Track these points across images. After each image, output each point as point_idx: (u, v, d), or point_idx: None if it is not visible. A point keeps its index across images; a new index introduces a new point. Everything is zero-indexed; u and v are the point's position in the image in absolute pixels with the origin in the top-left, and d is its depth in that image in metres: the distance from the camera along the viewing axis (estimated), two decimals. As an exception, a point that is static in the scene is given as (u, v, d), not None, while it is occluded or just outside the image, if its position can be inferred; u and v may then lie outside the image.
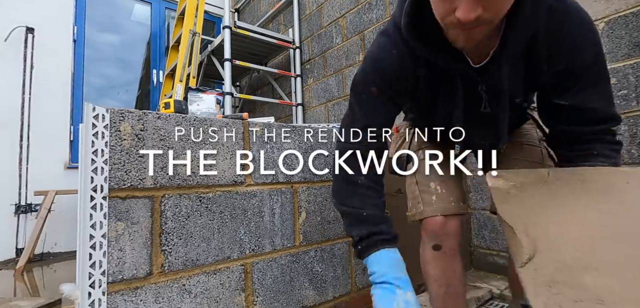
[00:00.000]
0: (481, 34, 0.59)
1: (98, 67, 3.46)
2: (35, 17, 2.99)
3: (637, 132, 1.31)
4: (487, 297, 1.49)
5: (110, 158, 0.81)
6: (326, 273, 1.22)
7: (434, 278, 0.90)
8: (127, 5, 3.74)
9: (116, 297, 0.79)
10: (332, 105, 2.80)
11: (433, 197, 0.91)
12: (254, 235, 1.05)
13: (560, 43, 0.67)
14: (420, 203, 0.94)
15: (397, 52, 0.73)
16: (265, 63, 3.69)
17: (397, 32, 0.73)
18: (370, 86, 0.77)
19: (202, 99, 2.25)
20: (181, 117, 0.94)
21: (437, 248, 0.88)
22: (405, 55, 0.73)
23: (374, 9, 2.40)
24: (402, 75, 0.75)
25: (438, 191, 0.92)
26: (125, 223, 0.82)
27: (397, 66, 0.74)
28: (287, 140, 1.16)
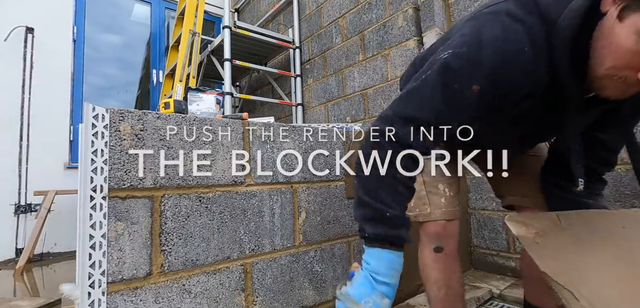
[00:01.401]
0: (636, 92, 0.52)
1: (98, 67, 3.45)
2: (35, 17, 2.99)
3: (636, 132, 1.31)
4: (487, 297, 1.49)
5: (110, 158, 0.80)
6: (326, 273, 1.22)
7: (433, 281, 0.89)
8: (127, 5, 3.74)
9: (116, 297, 0.79)
10: (331, 105, 2.80)
11: (442, 200, 0.89)
12: (253, 235, 1.05)
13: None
14: (426, 204, 0.91)
15: (532, 51, 0.56)
16: (265, 63, 3.69)
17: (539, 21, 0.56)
18: (472, 82, 0.59)
19: (202, 98, 2.25)
20: (181, 117, 0.94)
21: (438, 250, 0.88)
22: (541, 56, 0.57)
23: (374, 9, 2.40)
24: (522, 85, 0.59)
25: (446, 193, 0.90)
26: (125, 223, 0.82)
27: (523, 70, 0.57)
28: (286, 140, 1.16)
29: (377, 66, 2.36)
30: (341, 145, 1.33)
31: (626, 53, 0.47)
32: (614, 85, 0.52)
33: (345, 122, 2.63)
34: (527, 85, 0.59)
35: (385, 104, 2.30)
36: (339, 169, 1.31)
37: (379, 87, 2.35)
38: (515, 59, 0.56)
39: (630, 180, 1.31)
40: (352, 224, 1.32)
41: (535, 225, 0.65)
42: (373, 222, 0.64)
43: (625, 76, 0.48)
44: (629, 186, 1.31)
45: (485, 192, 1.81)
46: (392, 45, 2.25)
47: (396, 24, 2.23)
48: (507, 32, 0.57)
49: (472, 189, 1.87)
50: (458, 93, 0.59)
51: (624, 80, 0.49)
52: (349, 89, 2.61)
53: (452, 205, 0.90)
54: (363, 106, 2.47)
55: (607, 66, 0.50)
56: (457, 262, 0.90)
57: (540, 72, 0.58)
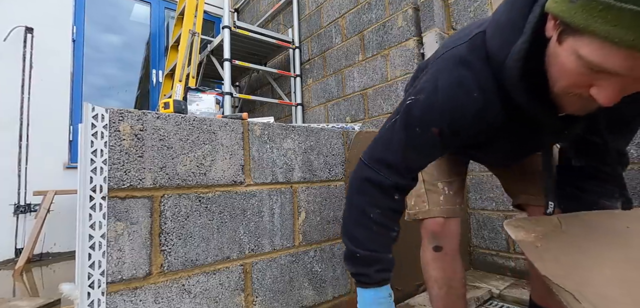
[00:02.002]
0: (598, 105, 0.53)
1: (97, 67, 3.45)
2: (35, 17, 2.99)
3: (636, 132, 1.31)
4: (487, 297, 1.49)
5: (110, 158, 0.80)
6: (325, 273, 1.22)
7: (434, 279, 0.90)
8: (126, 5, 3.74)
9: (115, 297, 0.79)
10: (331, 105, 2.80)
11: (441, 198, 0.90)
12: (253, 235, 1.05)
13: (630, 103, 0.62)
14: (425, 202, 0.92)
15: (480, 95, 0.62)
16: (265, 63, 3.69)
17: (485, 65, 0.62)
18: (431, 125, 0.66)
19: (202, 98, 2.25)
20: (181, 117, 0.93)
21: (438, 249, 0.88)
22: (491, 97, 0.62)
23: (374, 9, 2.40)
24: (478, 122, 0.65)
25: (446, 192, 0.91)
26: (124, 223, 0.81)
27: (475, 112, 0.63)
28: (286, 140, 1.16)
29: (376, 66, 2.36)
30: (341, 145, 1.33)
31: (571, 74, 0.49)
32: (572, 101, 0.54)
33: (345, 122, 2.63)
34: (482, 124, 0.65)
35: (384, 104, 2.30)
36: (339, 169, 1.31)
37: (379, 87, 2.35)
38: (466, 103, 0.63)
39: (630, 180, 1.32)
40: (351, 224, 1.32)
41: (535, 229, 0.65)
42: (348, 261, 0.73)
43: (579, 93, 0.50)
44: (628, 186, 1.31)
45: (485, 192, 1.81)
46: (392, 45, 2.26)
47: (396, 24, 2.23)
48: (459, 78, 0.63)
49: (472, 189, 1.87)
50: (420, 135, 0.67)
51: (580, 97, 0.51)
52: (349, 89, 2.61)
53: (452, 203, 0.90)
54: (363, 106, 2.47)
55: (560, 86, 0.53)
56: (458, 262, 0.90)
57: (493, 111, 0.63)
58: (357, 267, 0.72)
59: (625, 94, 0.47)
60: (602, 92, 0.46)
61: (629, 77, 0.44)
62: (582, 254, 0.60)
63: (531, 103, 0.58)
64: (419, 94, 0.67)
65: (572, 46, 0.46)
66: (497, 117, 0.64)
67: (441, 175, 0.93)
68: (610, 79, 0.45)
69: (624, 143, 0.72)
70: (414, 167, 0.72)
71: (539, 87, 0.57)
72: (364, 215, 0.71)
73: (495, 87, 0.61)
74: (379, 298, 0.71)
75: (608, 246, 0.60)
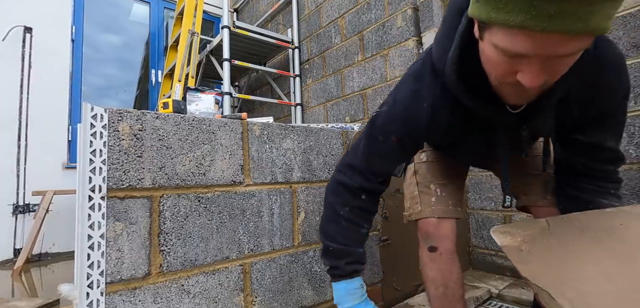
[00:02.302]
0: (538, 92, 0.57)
1: (96, 66, 3.45)
2: (34, 17, 2.98)
3: (635, 132, 1.31)
4: (486, 297, 1.50)
5: (109, 158, 0.80)
6: (325, 274, 1.22)
7: (431, 280, 0.90)
8: (125, 4, 3.73)
9: (114, 297, 0.79)
10: (331, 105, 2.80)
11: (432, 199, 0.92)
12: (252, 235, 1.05)
13: (595, 90, 0.66)
14: (418, 203, 0.95)
15: (430, 104, 0.70)
16: (264, 63, 3.69)
17: (433, 77, 0.70)
18: (390, 134, 0.75)
19: (201, 98, 2.24)
20: (180, 117, 0.93)
21: (432, 249, 0.89)
22: (440, 105, 0.70)
23: (373, 9, 2.40)
24: (431, 129, 0.73)
25: (438, 193, 0.93)
26: (123, 223, 0.81)
27: (427, 122, 0.71)
28: (285, 140, 1.16)
29: (376, 66, 2.37)
30: (340, 145, 1.33)
31: (496, 64, 0.53)
32: (508, 92, 0.57)
33: (345, 122, 2.63)
34: (437, 130, 0.73)
35: (384, 104, 2.30)
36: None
37: (378, 87, 2.35)
38: (418, 113, 0.71)
39: (629, 180, 1.32)
40: (351, 224, 1.32)
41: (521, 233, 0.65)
42: (323, 256, 0.82)
43: (509, 81, 0.53)
44: (627, 186, 1.32)
45: (484, 192, 1.81)
46: (391, 46, 2.26)
47: (395, 24, 2.23)
48: (410, 91, 0.73)
49: (471, 189, 1.88)
50: (382, 143, 0.76)
51: (512, 85, 0.53)
52: (348, 89, 2.61)
53: (444, 204, 0.92)
54: (362, 106, 2.47)
55: (493, 79, 0.57)
56: (455, 262, 0.90)
57: (443, 117, 0.70)
58: (330, 260, 0.81)
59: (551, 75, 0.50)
60: (525, 75, 0.49)
61: (539, 56, 0.46)
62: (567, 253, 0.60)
63: (475, 101, 0.64)
64: (382, 106, 0.78)
65: (489, 39, 0.50)
66: (451, 122, 0.71)
67: (434, 178, 0.95)
68: (528, 62, 0.48)
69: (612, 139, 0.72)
70: (378, 172, 0.79)
71: (482, 86, 0.61)
72: (336, 213, 0.80)
73: (444, 96, 0.68)
74: (350, 290, 0.78)
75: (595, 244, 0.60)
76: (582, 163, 0.75)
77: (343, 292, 0.79)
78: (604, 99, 0.68)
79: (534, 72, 0.48)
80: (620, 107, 0.71)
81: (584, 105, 0.68)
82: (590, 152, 0.73)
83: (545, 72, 0.48)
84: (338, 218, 0.80)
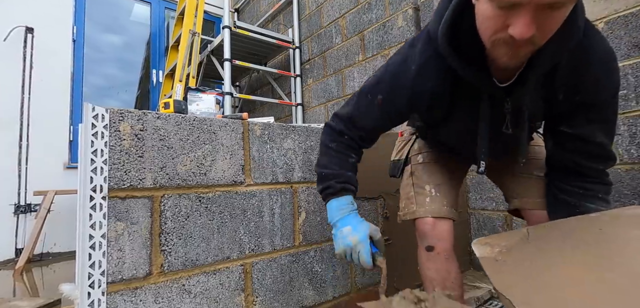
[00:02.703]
0: (526, 54, 0.60)
1: (98, 67, 3.45)
2: (35, 17, 2.99)
3: (636, 132, 1.31)
4: (487, 297, 1.49)
5: (110, 158, 0.80)
6: (326, 273, 1.22)
7: (429, 280, 0.91)
8: (126, 5, 3.74)
9: (116, 297, 0.79)
10: (331, 105, 2.80)
11: (427, 199, 0.94)
12: (253, 235, 1.05)
13: (580, 78, 0.67)
14: (413, 203, 0.96)
15: (417, 68, 0.73)
16: (265, 63, 3.69)
17: (427, 43, 0.73)
18: (377, 93, 0.80)
19: (202, 98, 2.25)
20: (181, 117, 0.94)
21: (430, 248, 0.90)
22: (427, 69, 0.73)
23: (374, 9, 2.40)
24: (415, 94, 0.75)
25: (432, 194, 0.94)
26: (124, 223, 0.82)
27: (411, 85, 0.74)
28: (286, 140, 1.16)
29: (376, 66, 2.36)
30: (341, 145, 1.33)
31: (489, 19, 0.56)
32: (501, 52, 0.59)
33: (345, 122, 2.62)
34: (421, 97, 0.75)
35: (385, 104, 2.30)
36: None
37: (379, 87, 2.35)
38: (404, 75, 0.75)
39: (630, 180, 1.32)
40: (352, 224, 1.32)
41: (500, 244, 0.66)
42: (318, 183, 0.89)
43: (501, 38, 0.56)
44: (628, 186, 1.31)
45: (485, 192, 1.81)
46: (392, 45, 2.25)
47: (396, 24, 2.23)
48: (402, 56, 0.77)
49: (472, 189, 1.87)
50: (369, 103, 0.82)
51: (505, 42, 0.56)
52: (349, 89, 2.61)
53: (439, 204, 0.92)
54: (363, 106, 2.47)
55: (486, 37, 0.59)
56: (453, 262, 0.90)
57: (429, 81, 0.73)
58: (323, 183, 0.87)
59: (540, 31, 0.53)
60: (516, 26, 0.52)
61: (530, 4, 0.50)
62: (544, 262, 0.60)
63: (463, 66, 0.67)
64: (377, 71, 0.83)
65: None
66: (437, 90, 0.74)
67: (430, 178, 0.96)
68: (519, 12, 0.51)
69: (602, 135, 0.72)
70: (358, 125, 0.85)
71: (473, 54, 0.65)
72: (326, 147, 0.89)
73: (433, 62, 0.72)
74: (341, 205, 0.84)
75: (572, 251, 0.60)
76: (571, 159, 0.76)
77: (335, 209, 0.85)
78: (590, 89, 0.68)
79: (524, 23, 0.51)
80: (609, 105, 0.71)
81: (568, 91, 0.69)
82: (577, 146, 0.73)
83: (535, 23, 0.51)
84: (328, 150, 0.88)
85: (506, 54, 0.59)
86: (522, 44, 0.54)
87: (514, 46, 0.56)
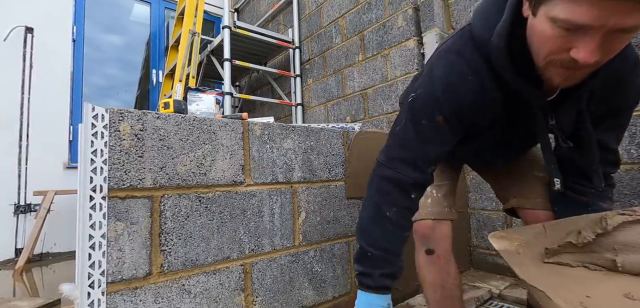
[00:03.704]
0: (583, 76, 0.56)
1: (97, 66, 3.45)
2: (35, 17, 2.99)
3: (636, 132, 1.31)
4: (487, 297, 1.49)
5: (110, 158, 0.80)
6: (326, 273, 1.22)
7: (428, 282, 0.90)
8: (126, 5, 3.73)
9: (115, 297, 0.79)
10: (331, 105, 2.80)
11: (428, 200, 0.92)
12: (253, 235, 1.05)
13: (614, 89, 0.66)
14: None
15: (475, 78, 0.66)
16: (265, 63, 3.69)
17: (475, 50, 0.66)
18: (436, 114, 0.68)
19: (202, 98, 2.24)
20: (181, 117, 0.93)
21: (430, 252, 0.89)
22: (484, 79, 0.66)
23: (374, 9, 2.40)
24: (478, 105, 0.67)
25: (433, 195, 0.93)
26: (124, 223, 0.81)
27: (473, 95, 0.66)
28: (286, 140, 1.16)
29: (376, 66, 2.36)
30: (341, 145, 1.33)
31: (549, 39, 0.52)
32: (556, 72, 0.55)
33: (345, 122, 2.63)
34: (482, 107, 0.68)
35: (385, 104, 2.30)
36: (339, 169, 1.31)
37: (379, 87, 2.35)
38: (461, 86, 0.66)
39: (630, 180, 1.32)
40: (351, 224, 1.32)
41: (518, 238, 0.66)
42: (359, 261, 0.72)
43: (560, 59, 0.52)
44: (628, 186, 1.32)
45: (485, 192, 1.81)
46: (392, 45, 2.25)
47: (396, 24, 2.23)
48: (451, 66, 0.67)
49: (472, 189, 1.87)
50: (428, 127, 0.69)
51: (562, 64, 0.53)
52: (349, 89, 2.61)
53: (440, 205, 0.91)
54: (363, 106, 2.47)
55: (542, 56, 0.55)
56: (452, 264, 0.90)
57: (490, 90, 0.66)
58: (365, 266, 0.71)
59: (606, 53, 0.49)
60: (581, 50, 0.48)
61: (602, 27, 0.45)
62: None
63: (517, 79, 0.62)
64: (418, 89, 0.71)
65: (545, 13, 0.50)
66: (495, 98, 0.67)
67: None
68: (586, 35, 0.47)
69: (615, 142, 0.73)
70: (431, 158, 0.72)
71: (524, 66, 0.60)
72: (381, 214, 0.71)
73: (486, 70, 0.65)
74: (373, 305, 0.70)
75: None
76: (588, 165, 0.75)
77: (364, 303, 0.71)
78: (618, 98, 0.67)
79: (591, 48, 0.47)
80: (629, 111, 0.71)
81: (602, 101, 0.67)
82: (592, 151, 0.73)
83: (602, 48, 0.47)
84: (383, 220, 0.71)
85: (561, 75, 0.55)
86: (585, 67, 0.50)
87: (574, 69, 0.52)
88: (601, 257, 0.59)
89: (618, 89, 0.66)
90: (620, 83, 0.66)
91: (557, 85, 0.58)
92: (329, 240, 1.25)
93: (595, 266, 0.59)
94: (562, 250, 0.61)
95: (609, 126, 0.71)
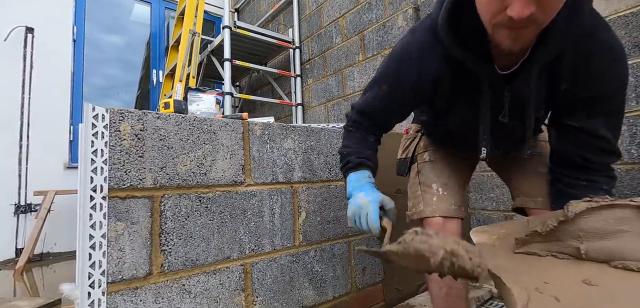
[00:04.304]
0: (530, 36, 0.58)
1: (98, 67, 3.46)
2: (35, 17, 2.99)
3: (636, 132, 1.31)
4: (487, 297, 1.49)
5: (110, 158, 0.80)
6: (326, 273, 1.22)
7: (435, 280, 0.90)
8: (126, 5, 3.74)
9: (116, 297, 0.79)
10: (331, 105, 2.80)
11: (434, 198, 0.93)
12: (253, 235, 1.05)
13: (585, 70, 0.66)
14: (420, 203, 0.95)
15: (419, 55, 0.74)
16: (265, 63, 3.69)
17: (427, 30, 0.73)
18: (382, 82, 0.82)
19: (202, 98, 2.24)
20: (181, 117, 0.94)
21: None
22: (429, 56, 0.73)
23: (374, 9, 2.40)
24: (421, 81, 0.75)
25: (439, 193, 0.93)
26: (124, 223, 0.82)
27: (414, 72, 0.75)
28: (286, 140, 1.16)
29: (377, 66, 2.36)
30: (341, 145, 1.33)
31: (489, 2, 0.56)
32: (502, 35, 0.58)
33: (345, 122, 2.62)
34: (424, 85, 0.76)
35: (385, 103, 2.30)
36: (339, 169, 1.31)
37: (379, 87, 2.34)
38: (406, 63, 0.77)
39: (630, 180, 1.32)
40: (352, 224, 1.32)
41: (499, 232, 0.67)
42: (340, 162, 0.92)
43: (500, 20, 0.55)
44: (628, 186, 1.31)
45: (485, 192, 1.81)
46: (392, 45, 2.25)
47: (396, 24, 2.23)
48: (403, 45, 0.79)
49: (472, 189, 1.87)
50: (377, 93, 0.84)
51: (504, 25, 0.56)
52: (349, 89, 2.61)
53: (446, 203, 0.92)
54: (363, 106, 2.47)
55: (487, 22, 0.59)
56: None
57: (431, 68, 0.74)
58: (343, 159, 0.90)
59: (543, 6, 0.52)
60: (514, 6, 0.52)
61: None
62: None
63: (462, 51, 0.67)
64: (384, 60, 0.85)
65: None
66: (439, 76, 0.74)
67: (436, 177, 0.96)
68: None
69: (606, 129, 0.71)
70: (370, 115, 0.88)
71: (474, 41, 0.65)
72: (347, 131, 0.93)
73: (434, 48, 0.72)
74: (359, 178, 0.86)
75: None
76: (575, 153, 0.74)
77: (352, 181, 0.86)
78: (595, 81, 0.67)
79: (521, 2, 0.51)
80: (615, 98, 0.70)
81: (573, 83, 0.68)
82: (582, 139, 0.73)
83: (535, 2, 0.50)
84: (348, 133, 0.92)
85: (508, 37, 0.57)
86: (522, 24, 0.53)
87: (515, 28, 0.54)
88: (567, 245, 0.59)
89: (589, 71, 0.66)
90: (590, 63, 0.66)
91: (507, 49, 0.60)
92: (329, 240, 1.25)
93: (562, 254, 0.59)
94: (530, 240, 0.62)
95: (591, 112, 0.70)
